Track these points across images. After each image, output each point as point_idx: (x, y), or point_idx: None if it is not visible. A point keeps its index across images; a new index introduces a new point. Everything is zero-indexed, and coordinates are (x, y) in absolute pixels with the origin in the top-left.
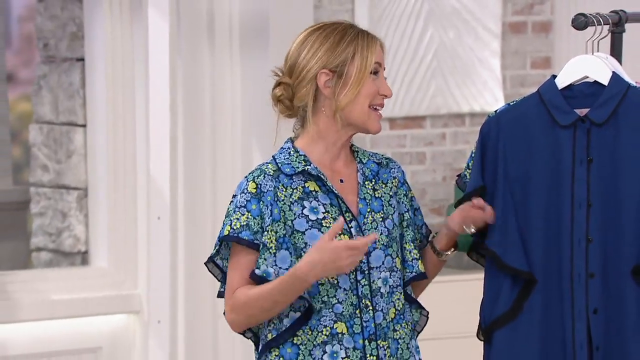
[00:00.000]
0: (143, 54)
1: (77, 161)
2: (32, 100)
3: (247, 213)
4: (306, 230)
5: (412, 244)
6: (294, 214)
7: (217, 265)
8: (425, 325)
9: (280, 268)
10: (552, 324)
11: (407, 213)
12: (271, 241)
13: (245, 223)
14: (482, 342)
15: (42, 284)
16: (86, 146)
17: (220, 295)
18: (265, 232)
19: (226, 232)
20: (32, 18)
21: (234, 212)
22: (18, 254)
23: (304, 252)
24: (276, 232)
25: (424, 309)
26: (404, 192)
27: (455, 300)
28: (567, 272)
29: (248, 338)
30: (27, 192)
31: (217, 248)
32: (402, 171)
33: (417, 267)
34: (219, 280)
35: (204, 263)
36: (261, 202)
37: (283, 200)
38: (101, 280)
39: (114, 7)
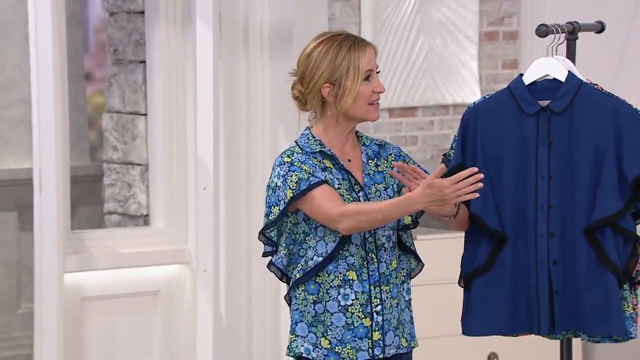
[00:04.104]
0: (192, 57)
1: (140, 143)
2: (104, 94)
3: (293, 173)
4: None
5: None
6: None
7: (265, 236)
8: (419, 273)
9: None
10: (520, 273)
11: None
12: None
13: (298, 178)
14: (463, 288)
15: (113, 241)
16: (147, 131)
17: (265, 254)
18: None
19: (289, 194)
20: (105, 29)
21: (284, 180)
22: (94, 217)
23: None
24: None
25: (420, 260)
26: (402, 161)
27: (442, 254)
28: (532, 232)
29: (284, 282)
30: (101, 168)
31: (275, 216)
32: (398, 147)
33: (403, 220)
34: (267, 249)
35: (258, 237)
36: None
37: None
38: (159, 237)
39: (169, 20)
